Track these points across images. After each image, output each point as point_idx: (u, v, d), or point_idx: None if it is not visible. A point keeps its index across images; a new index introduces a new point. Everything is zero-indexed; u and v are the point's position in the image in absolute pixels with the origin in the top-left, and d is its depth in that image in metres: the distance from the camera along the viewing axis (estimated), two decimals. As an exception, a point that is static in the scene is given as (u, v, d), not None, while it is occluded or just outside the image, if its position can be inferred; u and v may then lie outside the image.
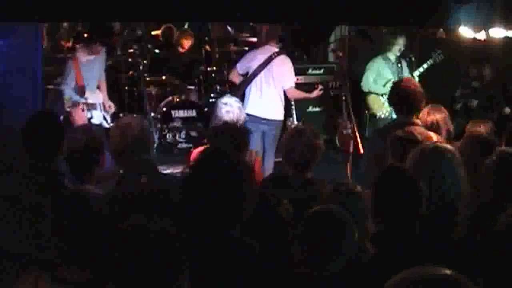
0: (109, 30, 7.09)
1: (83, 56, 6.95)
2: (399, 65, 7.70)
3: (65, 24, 9.12)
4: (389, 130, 4.52)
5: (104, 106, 7.10)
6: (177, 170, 6.80)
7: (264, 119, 6.94)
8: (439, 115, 4.84)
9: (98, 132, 3.63)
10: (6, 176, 3.58)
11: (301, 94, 7.48)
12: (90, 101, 6.90)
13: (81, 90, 6.81)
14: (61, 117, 6.86)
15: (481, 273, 2.16)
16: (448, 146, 3.35)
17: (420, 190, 2.84)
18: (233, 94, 6.61)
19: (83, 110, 6.78)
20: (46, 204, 2.44)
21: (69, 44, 9.10)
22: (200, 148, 4.95)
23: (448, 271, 1.52)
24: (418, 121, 4.73)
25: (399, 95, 4.82)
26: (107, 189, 3.55)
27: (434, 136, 4.54)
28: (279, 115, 7.10)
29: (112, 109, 7.19)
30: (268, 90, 6.96)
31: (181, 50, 9.71)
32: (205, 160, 2.75)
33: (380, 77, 7.66)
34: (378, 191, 2.90)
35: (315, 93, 7.57)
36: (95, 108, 6.99)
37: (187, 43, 9.68)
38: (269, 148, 6.95)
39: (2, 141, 4.89)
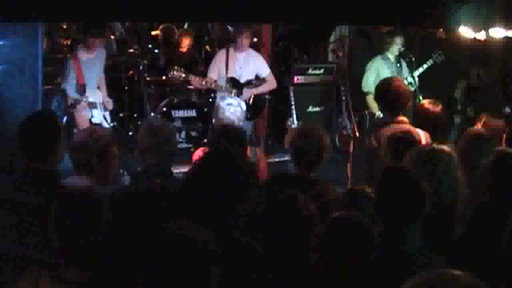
0: (100, 27, 7.05)
1: (83, 55, 6.94)
2: (398, 65, 7.68)
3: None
4: (378, 128, 4.79)
5: (104, 106, 7.10)
6: (177, 170, 6.78)
7: None
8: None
9: (106, 137, 3.62)
10: (5, 176, 3.58)
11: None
12: (90, 99, 6.90)
13: (82, 89, 6.81)
14: (65, 118, 6.91)
15: (480, 273, 2.16)
16: (446, 148, 3.34)
17: (422, 190, 2.82)
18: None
19: (84, 107, 6.79)
20: (43, 205, 2.44)
21: (68, 43, 9.08)
22: (205, 148, 4.98)
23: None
24: (404, 119, 4.79)
25: (389, 93, 4.84)
26: (110, 187, 3.55)
27: (421, 134, 4.57)
28: None
29: (110, 106, 7.18)
30: None
31: (181, 49, 9.70)
32: (208, 160, 2.74)
33: (379, 77, 7.59)
34: (380, 191, 2.89)
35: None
36: (96, 107, 6.99)
37: (185, 42, 9.67)
38: None
39: (2, 141, 4.89)
